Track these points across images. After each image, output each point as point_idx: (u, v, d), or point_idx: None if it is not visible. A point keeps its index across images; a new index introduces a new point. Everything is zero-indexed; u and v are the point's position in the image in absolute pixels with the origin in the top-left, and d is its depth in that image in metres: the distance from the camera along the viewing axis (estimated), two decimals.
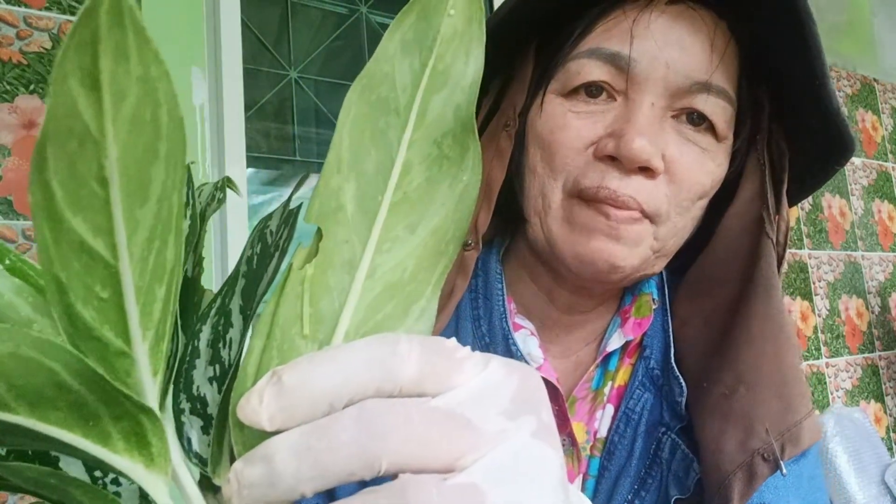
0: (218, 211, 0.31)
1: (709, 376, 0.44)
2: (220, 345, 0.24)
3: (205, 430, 0.24)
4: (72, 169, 0.16)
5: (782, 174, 0.47)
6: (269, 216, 0.28)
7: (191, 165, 0.31)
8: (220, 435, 0.23)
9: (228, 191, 0.31)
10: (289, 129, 1.44)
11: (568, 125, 0.44)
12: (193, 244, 0.29)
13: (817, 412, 0.43)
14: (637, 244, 0.43)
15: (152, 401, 0.20)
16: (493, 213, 0.47)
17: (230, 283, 0.26)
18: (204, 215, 0.30)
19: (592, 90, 0.44)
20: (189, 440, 0.24)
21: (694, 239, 0.49)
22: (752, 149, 0.48)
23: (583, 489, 0.47)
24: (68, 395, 0.18)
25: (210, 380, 0.24)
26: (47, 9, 1.07)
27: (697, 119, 0.44)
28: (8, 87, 1.03)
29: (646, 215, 0.43)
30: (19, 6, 1.05)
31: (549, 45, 0.47)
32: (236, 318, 0.24)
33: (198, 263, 0.30)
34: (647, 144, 0.41)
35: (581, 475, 0.47)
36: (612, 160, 0.42)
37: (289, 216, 0.25)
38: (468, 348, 0.22)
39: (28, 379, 0.17)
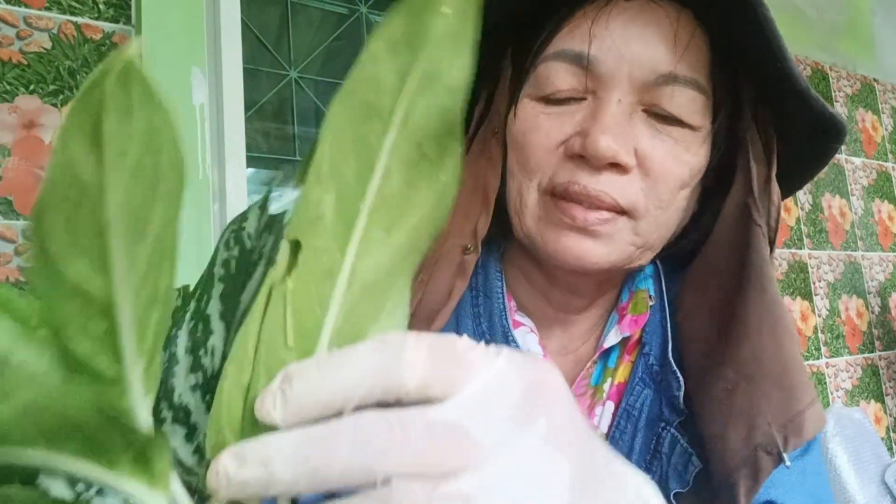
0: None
1: (710, 371, 0.44)
2: (202, 352, 0.24)
3: (188, 437, 0.24)
4: (69, 224, 0.17)
5: (770, 157, 0.47)
6: (244, 216, 0.28)
7: (190, 165, 0.31)
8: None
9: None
10: (289, 129, 1.44)
11: (539, 126, 0.44)
12: None
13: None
14: (612, 240, 0.43)
15: (145, 419, 0.20)
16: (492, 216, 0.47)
17: (205, 286, 0.26)
18: None
19: (562, 99, 0.45)
20: (174, 449, 0.25)
21: (698, 230, 0.49)
22: (739, 137, 0.48)
23: None
24: (82, 431, 0.19)
25: (192, 388, 0.24)
26: (47, 9, 1.07)
27: (667, 116, 0.44)
28: (8, 87, 1.03)
29: (622, 211, 0.43)
30: (19, 6, 1.05)
31: (523, 50, 0.48)
32: (217, 325, 0.24)
33: None
34: (611, 142, 0.41)
35: None
36: (582, 158, 0.43)
37: (271, 222, 0.25)
38: (481, 345, 0.22)
39: (47, 421, 0.18)
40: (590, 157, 0.42)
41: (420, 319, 0.46)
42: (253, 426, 0.21)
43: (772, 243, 0.46)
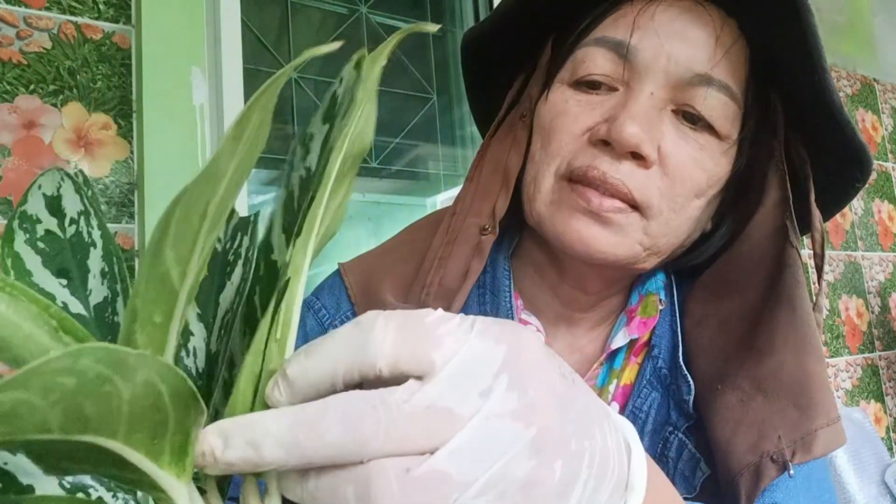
0: None
1: (724, 380, 0.44)
2: (183, 354, 0.25)
3: None
4: (186, 214, 0.19)
5: (806, 182, 0.47)
6: None
7: (191, 165, 0.33)
8: None
9: None
10: (289, 129, 1.44)
11: (568, 111, 0.45)
12: None
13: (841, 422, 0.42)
14: (622, 233, 0.43)
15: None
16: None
17: None
18: None
19: (595, 83, 0.45)
20: None
21: (709, 247, 0.49)
22: (771, 156, 0.47)
23: None
24: (158, 415, 0.19)
25: None
26: (47, 9, 1.06)
27: (697, 117, 0.44)
28: (8, 87, 1.03)
29: (636, 206, 0.43)
30: (19, 6, 1.05)
31: (564, 37, 0.48)
32: (196, 327, 0.25)
33: None
34: (638, 130, 0.41)
35: None
36: (606, 145, 0.43)
37: (242, 224, 0.27)
38: (456, 319, 0.22)
39: (141, 404, 0.18)
40: (614, 141, 0.42)
41: (439, 298, 0.46)
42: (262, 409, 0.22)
43: (819, 269, 0.46)
